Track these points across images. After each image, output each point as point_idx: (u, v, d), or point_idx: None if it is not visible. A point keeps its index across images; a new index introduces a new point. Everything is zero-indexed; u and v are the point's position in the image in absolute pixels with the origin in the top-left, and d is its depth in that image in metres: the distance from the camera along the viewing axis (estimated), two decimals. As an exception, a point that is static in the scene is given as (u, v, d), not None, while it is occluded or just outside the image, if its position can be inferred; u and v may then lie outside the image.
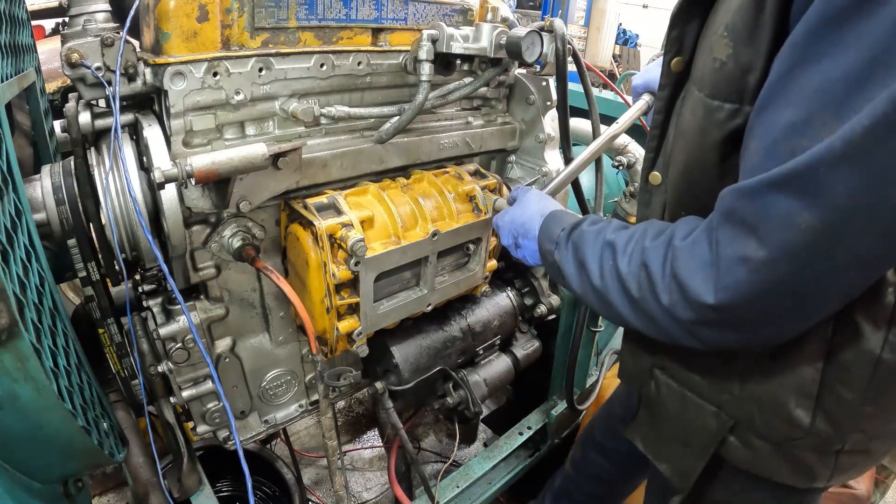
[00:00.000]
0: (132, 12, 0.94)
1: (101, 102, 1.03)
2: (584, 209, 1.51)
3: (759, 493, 0.94)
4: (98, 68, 0.91)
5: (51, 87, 1.85)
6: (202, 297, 1.16)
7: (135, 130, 1.03)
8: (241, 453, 0.79)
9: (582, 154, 1.25)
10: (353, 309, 1.16)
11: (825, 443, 0.82)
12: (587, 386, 1.98)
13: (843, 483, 0.92)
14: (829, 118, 0.55)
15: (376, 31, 1.16)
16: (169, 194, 0.96)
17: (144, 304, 1.14)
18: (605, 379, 2.01)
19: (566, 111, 1.30)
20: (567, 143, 1.34)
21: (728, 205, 0.66)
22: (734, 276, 0.64)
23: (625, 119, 1.27)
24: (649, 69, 1.24)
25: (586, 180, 1.97)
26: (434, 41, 1.10)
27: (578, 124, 2.14)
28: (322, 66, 1.09)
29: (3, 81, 0.88)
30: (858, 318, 0.74)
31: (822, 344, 0.76)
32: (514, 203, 1.15)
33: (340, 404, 2.71)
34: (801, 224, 0.58)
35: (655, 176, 0.92)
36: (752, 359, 0.83)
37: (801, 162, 0.56)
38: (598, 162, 1.48)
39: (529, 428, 1.90)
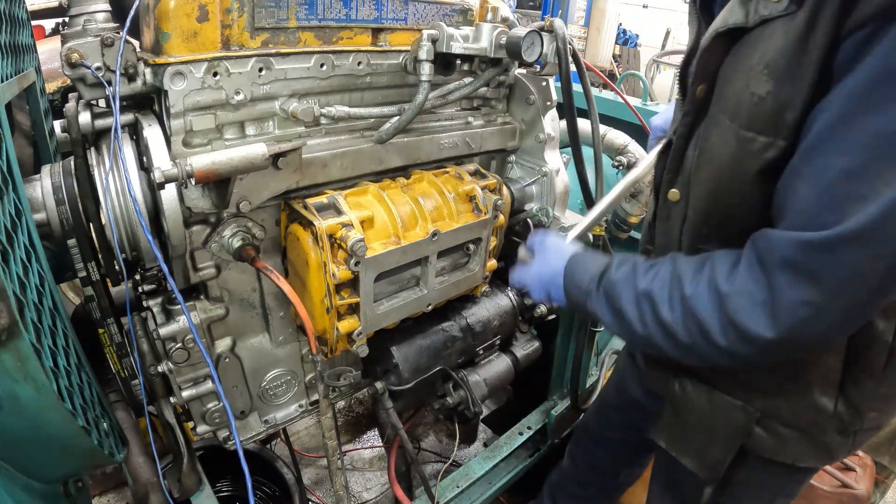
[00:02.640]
0: (132, 12, 0.94)
1: (101, 102, 1.03)
2: (589, 203, 1.47)
3: (778, 473, 1.02)
4: (98, 68, 0.91)
5: (51, 87, 1.85)
6: (202, 297, 1.16)
7: (135, 130, 1.03)
8: (241, 453, 0.79)
9: (603, 199, 1.22)
10: (353, 309, 1.16)
11: (847, 425, 0.90)
12: (587, 386, 1.98)
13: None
14: (885, 168, 0.60)
15: (376, 31, 1.16)
16: (169, 194, 0.96)
17: (144, 304, 1.14)
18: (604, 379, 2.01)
19: (573, 114, 1.27)
20: (577, 146, 1.32)
21: (787, 255, 0.70)
22: (798, 317, 0.71)
23: (645, 164, 1.22)
24: (667, 110, 1.23)
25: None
26: (434, 41, 1.10)
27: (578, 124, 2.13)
28: (322, 66, 1.09)
29: (3, 81, 0.89)
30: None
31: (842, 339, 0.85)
32: (533, 253, 1.14)
33: (340, 404, 2.71)
34: (867, 272, 0.65)
35: (674, 193, 0.95)
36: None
37: (868, 218, 0.62)
38: (598, 162, 1.48)
39: (529, 428, 1.90)
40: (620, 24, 9.77)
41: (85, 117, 1.00)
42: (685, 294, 0.81)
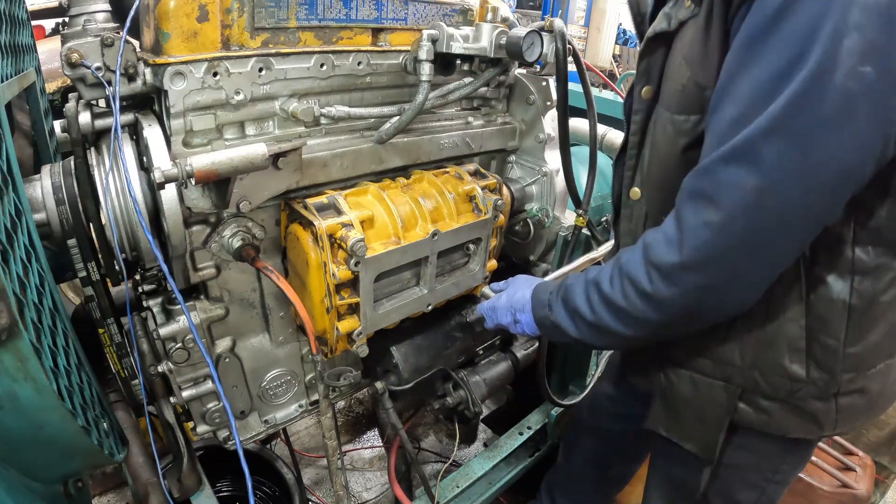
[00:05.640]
0: (132, 12, 0.94)
1: (101, 102, 1.03)
2: (576, 202, 1.49)
3: (772, 449, 1.04)
4: (98, 68, 0.91)
5: (51, 87, 1.85)
6: (202, 297, 1.16)
7: (135, 130, 1.03)
8: (241, 453, 0.79)
9: (583, 258, 1.37)
10: (353, 309, 1.16)
11: (823, 389, 0.93)
12: (587, 384, 1.98)
13: (847, 431, 1.01)
14: (760, 109, 0.70)
15: (376, 31, 1.16)
16: (169, 194, 0.96)
17: (144, 304, 1.14)
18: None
19: (566, 114, 1.30)
20: (566, 144, 1.34)
21: (688, 186, 0.80)
22: (700, 239, 0.77)
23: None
24: None
25: (583, 180, 1.97)
26: (434, 41, 1.10)
27: (578, 124, 2.14)
28: (322, 66, 1.09)
29: (3, 81, 0.89)
30: (825, 274, 0.86)
31: (799, 303, 0.88)
32: (505, 288, 1.24)
33: (340, 404, 2.71)
34: (746, 186, 0.72)
35: (635, 192, 1.03)
36: (745, 329, 0.94)
37: (739, 138, 0.71)
38: (593, 160, 1.48)
39: (529, 428, 1.90)
40: (620, 24, 9.76)
41: (85, 117, 1.00)
42: (621, 263, 0.90)
